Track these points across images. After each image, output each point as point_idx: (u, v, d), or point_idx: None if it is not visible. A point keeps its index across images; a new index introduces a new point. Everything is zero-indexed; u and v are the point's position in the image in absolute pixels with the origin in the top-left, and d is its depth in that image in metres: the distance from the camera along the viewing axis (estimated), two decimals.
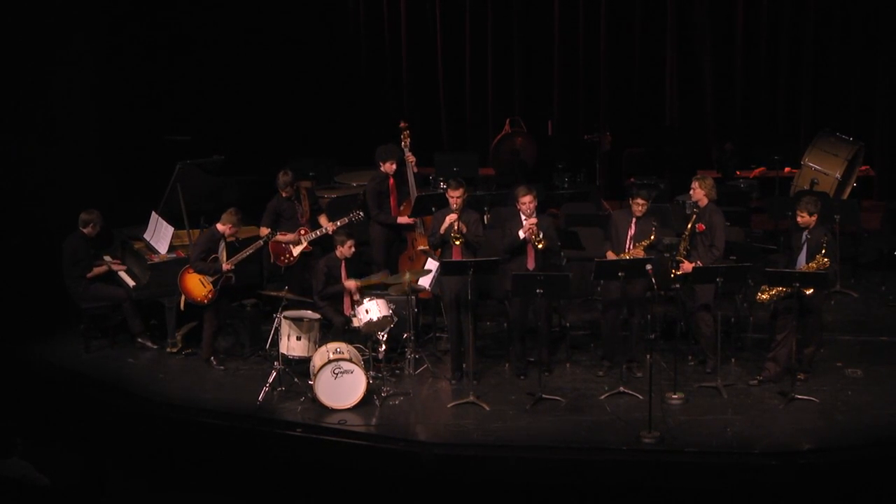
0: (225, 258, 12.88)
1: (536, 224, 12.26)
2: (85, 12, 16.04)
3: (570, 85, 19.54)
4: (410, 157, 14.30)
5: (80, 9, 15.91)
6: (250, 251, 13.05)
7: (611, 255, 12.37)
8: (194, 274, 12.84)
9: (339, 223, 13.48)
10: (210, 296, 12.85)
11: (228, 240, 13.04)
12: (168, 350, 13.45)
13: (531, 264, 12.40)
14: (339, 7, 19.83)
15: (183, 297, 12.97)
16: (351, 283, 12.83)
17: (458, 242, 12.30)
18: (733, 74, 18.99)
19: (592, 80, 19.43)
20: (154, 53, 17.59)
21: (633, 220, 12.46)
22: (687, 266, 12.20)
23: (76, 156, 15.69)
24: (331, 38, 19.72)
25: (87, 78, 16.15)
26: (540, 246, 12.25)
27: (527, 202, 12.34)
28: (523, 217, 12.38)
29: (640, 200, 12.39)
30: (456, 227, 12.28)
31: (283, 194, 13.59)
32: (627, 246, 12.44)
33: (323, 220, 13.78)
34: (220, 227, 12.93)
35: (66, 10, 15.60)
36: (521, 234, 12.31)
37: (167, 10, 17.78)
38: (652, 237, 12.33)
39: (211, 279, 12.81)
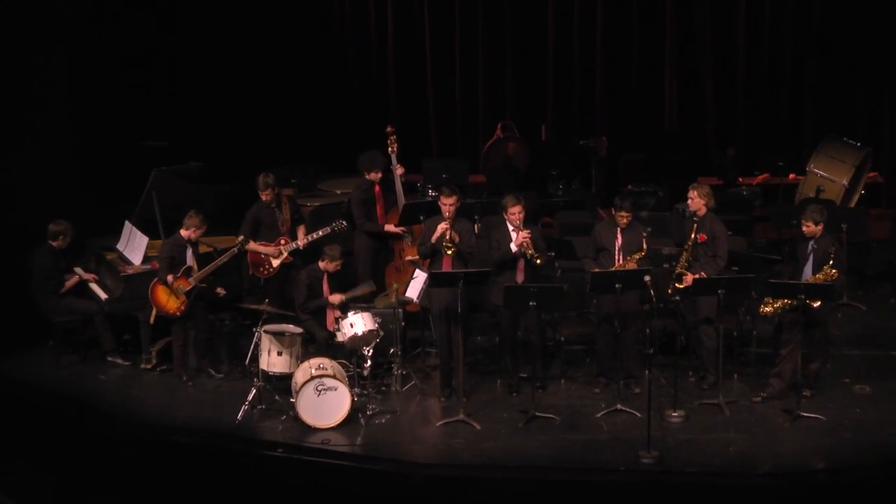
0: (196, 267, 12.85)
1: (531, 236, 12.23)
2: (60, 16, 16.02)
3: (565, 88, 19.54)
4: (399, 170, 14.24)
5: (55, 12, 15.89)
6: (221, 262, 13.01)
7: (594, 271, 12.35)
8: (165, 286, 12.82)
9: (311, 238, 13.50)
10: (183, 307, 12.82)
11: (202, 249, 13.03)
12: (142, 366, 13.40)
13: (521, 278, 12.35)
14: (323, 7, 19.82)
15: (154, 311, 12.93)
16: (336, 298, 12.81)
17: (449, 252, 12.27)
18: (735, 77, 19.01)
19: (588, 83, 19.42)
20: (129, 55, 17.57)
21: (619, 230, 12.45)
22: (690, 279, 12.19)
23: (46, 162, 15.64)
24: (314, 40, 19.70)
25: (60, 81, 16.12)
26: (538, 262, 12.22)
27: (516, 213, 12.29)
28: (511, 228, 12.35)
29: (623, 213, 12.40)
30: (448, 236, 12.25)
31: (264, 197, 13.53)
32: (617, 258, 12.42)
33: (300, 232, 13.75)
34: (183, 232, 12.91)
35: (41, 13, 15.58)
36: (514, 248, 12.28)
37: (143, 13, 17.76)
38: (644, 247, 12.32)
39: (184, 290, 12.79)
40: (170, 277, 12.73)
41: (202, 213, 12.96)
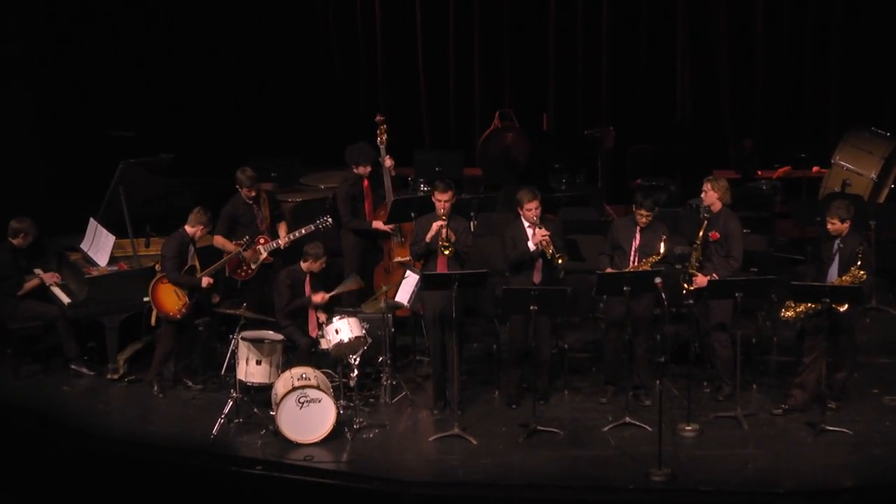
0: (199, 266, 12.87)
1: (550, 235, 12.21)
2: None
3: (568, 73, 19.53)
4: (388, 162, 14.21)
5: None
6: (224, 262, 13.17)
7: (608, 271, 12.33)
8: (169, 284, 12.81)
9: (293, 236, 13.47)
10: (184, 310, 12.85)
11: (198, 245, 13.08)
12: (108, 377, 13.38)
13: (538, 278, 12.36)
14: None
15: (154, 312, 12.94)
16: (319, 297, 12.79)
17: (447, 252, 12.25)
18: (753, 60, 19.00)
19: (593, 68, 19.41)
20: (94, 39, 17.53)
21: (637, 229, 12.44)
22: (701, 280, 12.18)
23: (4, 153, 15.60)
24: (296, 22, 19.66)
25: (20, 65, 16.08)
26: (560, 261, 12.20)
27: (532, 209, 12.29)
28: (526, 224, 12.35)
29: (643, 212, 12.37)
30: (444, 234, 12.23)
31: (247, 192, 13.48)
32: (632, 259, 12.42)
33: (282, 229, 13.73)
34: (188, 229, 12.93)
35: None
36: (532, 246, 12.27)
37: None
38: (662, 250, 12.30)
39: (187, 291, 12.81)
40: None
41: (208, 211, 13.00)
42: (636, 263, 12.36)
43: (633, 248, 12.42)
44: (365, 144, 14.16)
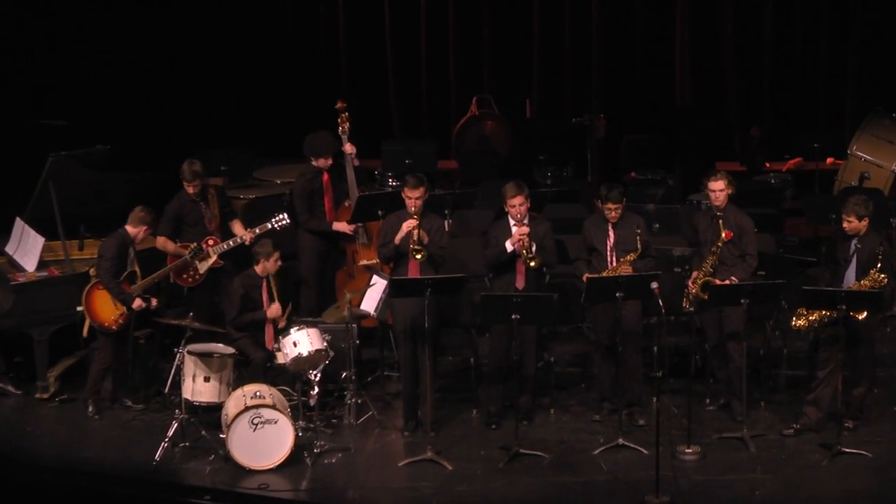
0: (140, 273, 12.86)
1: (529, 234, 12.24)
2: None
3: (554, 54, 19.57)
4: (349, 148, 14.24)
5: None
6: (171, 269, 13.12)
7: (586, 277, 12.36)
8: (105, 290, 12.78)
9: (258, 230, 13.43)
10: (121, 320, 12.81)
11: (138, 247, 13.02)
12: (38, 396, 13.34)
13: (521, 283, 12.38)
14: None
15: (87, 321, 12.91)
16: (275, 309, 12.79)
17: (419, 256, 12.24)
18: (761, 41, 19.08)
19: (582, 49, 19.46)
20: (20, 16, 17.48)
21: (609, 226, 12.48)
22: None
23: None
24: None
25: None
26: (532, 264, 12.23)
27: (517, 204, 12.31)
28: (512, 222, 12.38)
29: (610, 205, 12.43)
30: (416, 236, 12.24)
31: (190, 189, 13.47)
32: (609, 259, 12.45)
33: (237, 226, 13.70)
34: (131, 230, 12.87)
35: None
36: (509, 246, 12.30)
37: None
38: (638, 246, 12.31)
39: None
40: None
41: (152, 211, 12.95)
42: (614, 264, 12.39)
43: (609, 247, 12.46)
44: (326, 134, 14.15)
